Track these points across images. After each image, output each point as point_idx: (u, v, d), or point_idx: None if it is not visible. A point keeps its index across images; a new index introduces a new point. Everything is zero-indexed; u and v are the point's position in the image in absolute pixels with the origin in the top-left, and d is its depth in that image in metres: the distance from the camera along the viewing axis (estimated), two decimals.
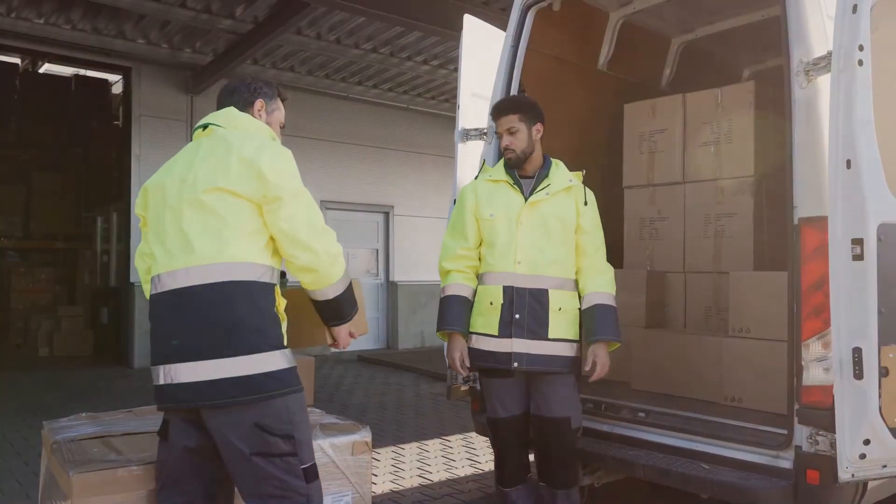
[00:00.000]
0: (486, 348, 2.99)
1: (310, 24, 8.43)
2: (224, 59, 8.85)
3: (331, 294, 2.27)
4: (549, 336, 2.94)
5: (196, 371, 2.02)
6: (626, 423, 3.26)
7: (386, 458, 4.98)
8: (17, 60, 11.24)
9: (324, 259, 2.17)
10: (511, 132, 3.08)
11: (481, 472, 4.65)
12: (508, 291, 2.96)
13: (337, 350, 2.75)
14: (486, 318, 3.00)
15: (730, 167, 3.84)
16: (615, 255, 4.37)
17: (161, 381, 2.09)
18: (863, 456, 2.42)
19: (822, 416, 2.58)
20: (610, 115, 4.48)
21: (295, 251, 2.14)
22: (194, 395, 2.03)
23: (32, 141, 11.51)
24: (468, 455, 5.05)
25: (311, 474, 2.14)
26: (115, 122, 10.82)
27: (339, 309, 2.33)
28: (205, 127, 2.27)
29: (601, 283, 3.07)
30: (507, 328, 2.94)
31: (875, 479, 2.59)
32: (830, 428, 2.51)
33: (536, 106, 3.19)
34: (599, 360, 2.97)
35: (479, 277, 3.09)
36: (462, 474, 4.59)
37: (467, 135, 3.96)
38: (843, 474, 2.44)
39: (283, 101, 2.48)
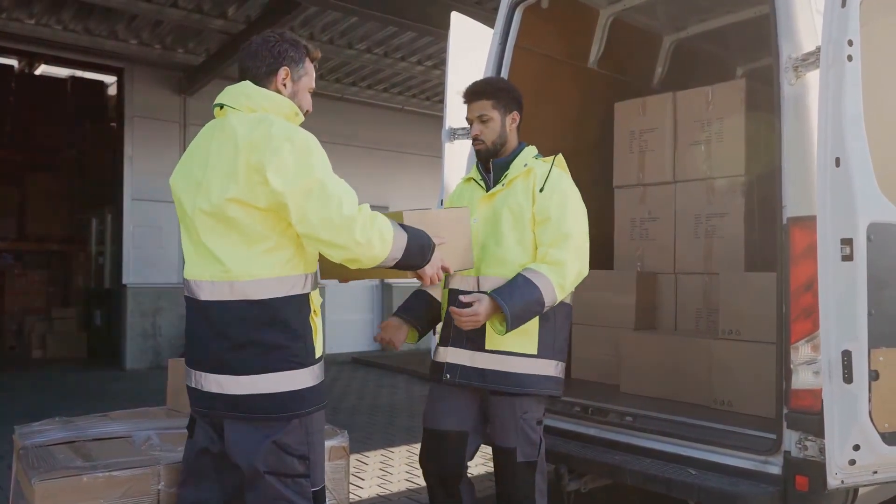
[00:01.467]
0: (433, 358, 2.76)
1: (302, 24, 8.37)
2: (217, 60, 8.79)
3: (389, 264, 2.09)
4: (487, 347, 2.53)
5: (220, 384, 1.98)
6: (613, 427, 3.19)
7: (374, 461, 4.91)
8: (13, 62, 11.20)
9: (356, 251, 1.97)
10: (482, 120, 2.69)
11: (471, 475, 4.58)
12: (453, 295, 2.61)
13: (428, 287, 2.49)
14: (440, 327, 2.75)
15: (721, 167, 3.78)
16: (605, 256, 4.32)
17: (191, 384, 2.07)
18: (852, 462, 2.36)
19: (812, 420, 2.52)
20: (601, 114, 4.42)
21: (324, 250, 2.00)
22: (218, 404, 2.00)
23: (27, 142, 11.45)
24: None
25: (320, 499, 2.08)
26: (112, 124, 10.76)
27: (406, 266, 2.15)
28: (221, 107, 2.08)
29: (544, 269, 2.49)
30: (447, 336, 2.63)
31: (865, 486, 2.53)
32: (819, 433, 2.45)
33: (514, 91, 2.80)
34: (478, 306, 2.40)
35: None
36: (404, 487, 4.53)
37: (454, 134, 3.90)
38: (833, 480, 2.38)
39: (313, 61, 2.21)
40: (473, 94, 2.76)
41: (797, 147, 2.66)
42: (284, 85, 2.12)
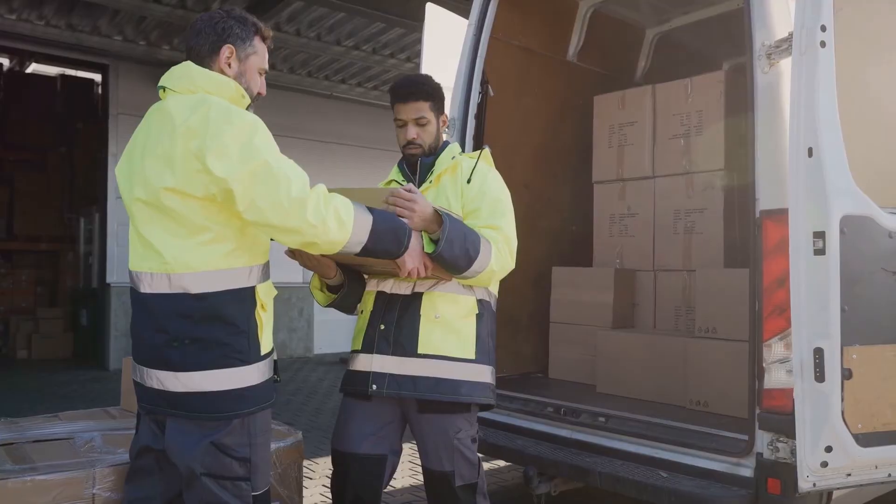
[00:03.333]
0: (352, 367, 2.37)
1: (289, 20, 8.28)
2: None
3: (354, 249, 1.94)
4: (419, 351, 2.26)
5: (161, 380, 1.88)
6: (585, 428, 3.10)
7: (324, 467, 4.80)
8: (3, 60, 11.10)
9: (310, 234, 1.84)
10: (420, 123, 2.41)
11: (393, 488, 4.49)
12: (381, 297, 2.35)
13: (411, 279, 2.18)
14: (356, 332, 2.42)
15: (700, 160, 3.69)
16: (585, 253, 4.23)
17: (136, 378, 1.98)
18: (824, 464, 2.27)
19: (784, 421, 2.43)
20: (580, 108, 4.33)
21: (277, 236, 1.88)
22: (159, 401, 1.90)
23: (16, 141, 11.36)
24: None
25: (263, 503, 1.97)
26: (103, 123, 10.67)
27: (380, 252, 2.00)
28: (164, 89, 1.96)
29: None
30: (370, 342, 2.32)
31: (839, 489, 2.43)
32: (791, 434, 2.35)
33: (442, 90, 2.55)
34: (418, 197, 2.14)
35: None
36: (399, 486, 4.43)
37: None
38: (804, 483, 2.29)
39: (264, 40, 2.07)
40: (410, 93, 2.43)
41: (770, 138, 2.56)
42: (229, 64, 1.99)
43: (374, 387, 2.28)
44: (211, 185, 1.80)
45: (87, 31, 8.28)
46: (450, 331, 2.29)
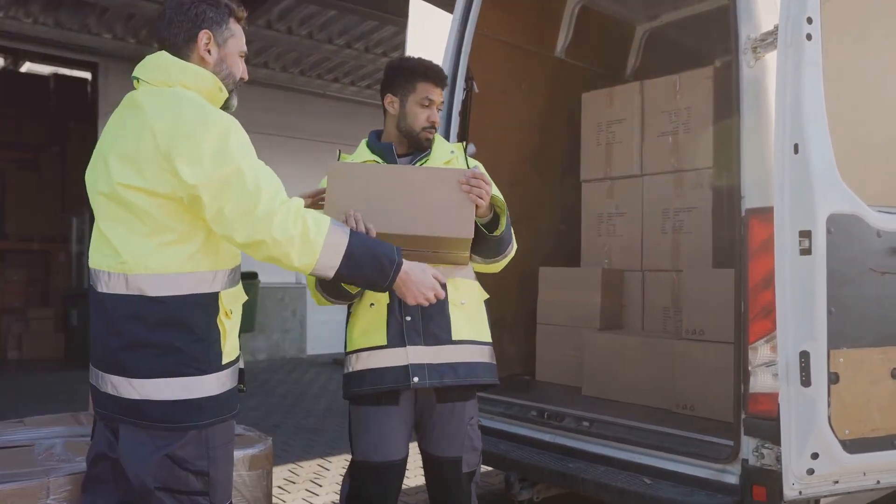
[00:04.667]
0: (376, 365, 2.26)
1: (279, 18, 8.20)
2: None
3: (327, 274, 1.81)
4: (454, 338, 2.29)
5: (115, 385, 1.79)
6: (569, 432, 3.02)
7: (336, 465, 4.74)
8: None
9: (275, 250, 1.74)
10: (439, 108, 2.44)
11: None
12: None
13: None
14: (366, 328, 2.30)
15: (688, 158, 3.61)
16: (573, 252, 4.15)
17: (92, 381, 1.88)
18: (811, 471, 2.20)
19: (769, 426, 2.35)
20: (569, 105, 4.25)
21: (244, 250, 1.78)
22: (112, 406, 1.81)
23: (9, 140, 11.28)
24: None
25: None
26: (93, 122, 10.58)
27: (357, 281, 1.90)
28: (138, 80, 1.85)
29: None
30: (399, 334, 2.26)
31: (826, 497, 2.35)
32: (777, 440, 2.28)
33: None
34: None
35: None
36: (413, 484, 4.35)
37: None
38: (789, 491, 2.22)
39: (239, 20, 1.95)
40: (442, 78, 2.45)
41: (756, 134, 2.49)
42: (209, 51, 1.88)
43: (416, 379, 2.24)
44: (178, 189, 1.72)
45: (75, 28, 8.20)
46: (472, 316, 2.37)
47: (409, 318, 2.28)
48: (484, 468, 4.30)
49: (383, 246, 1.89)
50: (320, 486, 4.34)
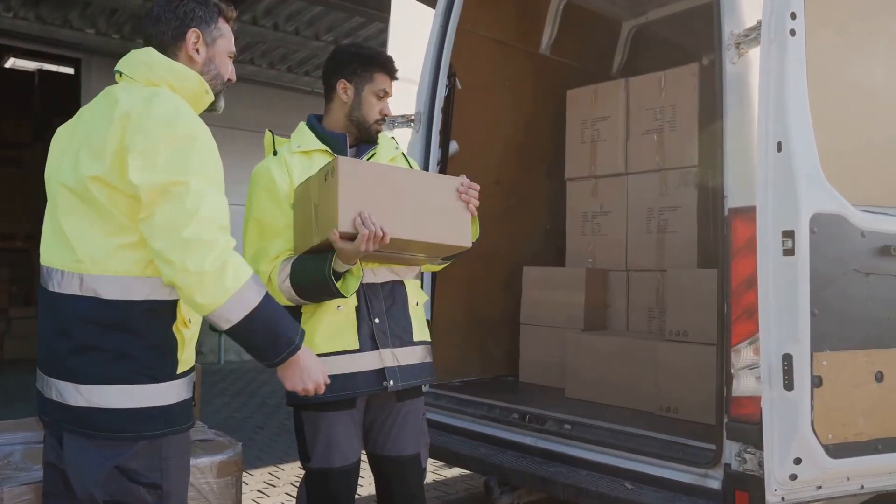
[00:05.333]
0: (347, 370, 2.18)
1: (266, 14, 8.12)
2: None
3: (219, 324, 1.69)
4: (415, 339, 2.30)
5: (60, 391, 1.71)
6: (550, 435, 2.96)
7: (290, 473, 4.65)
8: None
9: (182, 278, 1.61)
10: (388, 97, 2.36)
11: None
12: (363, 290, 2.22)
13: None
14: (334, 332, 2.20)
15: (673, 156, 3.56)
16: (557, 252, 4.10)
17: (38, 385, 1.80)
18: (793, 477, 2.15)
19: (752, 430, 2.29)
20: (554, 103, 4.19)
21: (158, 263, 1.65)
22: (56, 414, 1.73)
23: None
24: None
25: None
26: None
27: (247, 345, 1.77)
28: (121, 74, 1.81)
29: None
30: (370, 337, 2.21)
31: (809, 502, 2.30)
32: (760, 444, 2.22)
33: None
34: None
35: None
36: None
37: (393, 122, 3.66)
38: (772, 497, 2.17)
39: (228, 20, 1.91)
40: (397, 71, 2.39)
41: (740, 131, 2.43)
42: (197, 50, 1.82)
43: (392, 382, 2.22)
44: (125, 186, 1.64)
45: (57, 23, 8.09)
46: (421, 316, 2.38)
47: (377, 321, 2.23)
48: (463, 472, 4.29)
49: (288, 324, 1.78)
50: (290, 494, 4.27)
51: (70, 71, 10.82)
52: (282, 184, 2.21)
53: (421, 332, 2.34)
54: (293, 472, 4.62)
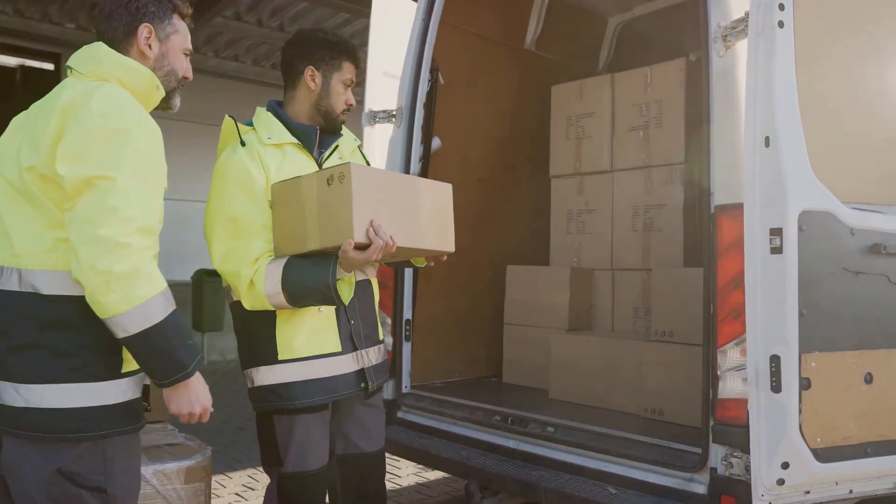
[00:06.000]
0: (327, 374, 2.14)
1: (249, 9, 8.02)
2: None
3: (115, 332, 1.62)
4: (379, 338, 2.33)
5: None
6: (533, 438, 2.88)
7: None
8: None
9: (87, 276, 1.56)
10: (353, 86, 2.31)
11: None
12: (361, 287, 2.24)
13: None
14: (314, 334, 2.14)
15: (659, 153, 3.50)
16: (541, 250, 4.03)
17: None
18: (781, 481, 2.09)
19: (738, 433, 2.23)
20: (539, 99, 4.12)
21: (70, 255, 1.60)
22: None
23: None
24: None
25: None
26: None
27: (138, 356, 1.68)
28: (71, 70, 1.79)
29: None
30: (349, 339, 2.19)
31: None
32: (746, 448, 2.16)
33: None
34: None
35: None
36: (405, 484, 4.24)
37: (375, 117, 3.58)
38: (759, 502, 2.11)
39: (183, 17, 1.87)
40: (360, 59, 2.37)
41: (727, 126, 2.36)
42: (149, 45, 1.79)
43: (371, 384, 2.23)
44: (53, 175, 1.59)
45: (36, 17, 7.96)
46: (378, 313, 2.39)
47: (353, 322, 2.20)
48: (445, 475, 4.22)
49: (185, 347, 1.71)
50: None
51: (48, 66, 10.66)
52: (258, 179, 2.10)
53: (381, 330, 2.37)
54: (241, 480, 4.53)
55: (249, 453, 5.03)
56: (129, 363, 1.72)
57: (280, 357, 2.12)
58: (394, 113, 3.51)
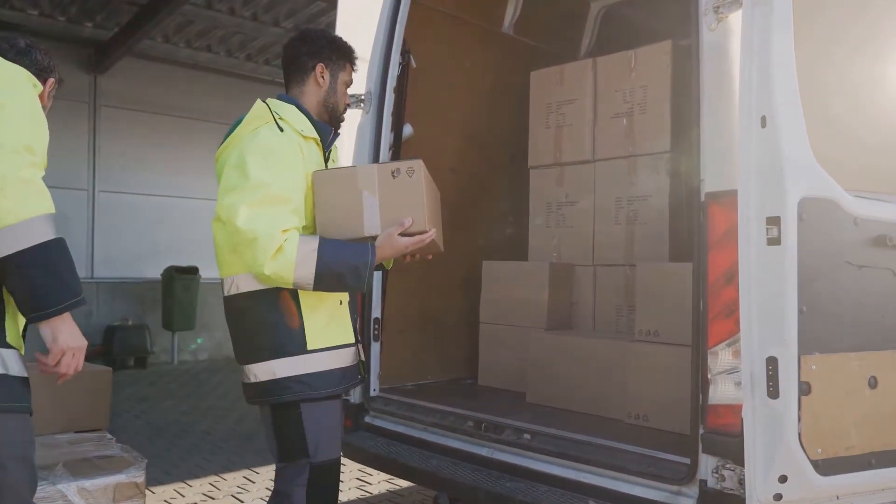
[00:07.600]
0: (345, 364, 2.21)
1: None
2: (128, 34, 8.06)
3: (4, 246, 1.53)
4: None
5: None
6: (508, 446, 2.68)
7: (264, 478, 4.33)
8: None
9: None
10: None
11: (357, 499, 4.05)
12: None
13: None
14: (335, 325, 2.19)
15: (644, 142, 3.29)
16: (520, 245, 3.82)
17: None
18: (778, 497, 1.89)
19: (731, 443, 2.03)
20: (518, 85, 3.91)
21: None
22: None
23: None
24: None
25: None
26: None
27: (25, 281, 1.56)
28: None
29: None
30: (355, 331, 2.30)
31: None
32: (740, 460, 1.96)
33: None
34: None
35: None
36: (407, 483, 4.01)
37: None
38: None
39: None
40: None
41: (718, 107, 2.16)
42: None
43: (363, 376, 2.34)
44: None
45: None
46: None
47: (353, 316, 2.29)
48: (411, 486, 4.00)
49: (76, 276, 1.63)
50: (242, 501, 3.93)
51: None
52: (300, 163, 2.14)
53: None
54: (236, 482, 4.29)
55: (213, 458, 4.79)
56: (11, 337, 1.61)
57: (309, 347, 2.12)
58: (362, 98, 3.30)
